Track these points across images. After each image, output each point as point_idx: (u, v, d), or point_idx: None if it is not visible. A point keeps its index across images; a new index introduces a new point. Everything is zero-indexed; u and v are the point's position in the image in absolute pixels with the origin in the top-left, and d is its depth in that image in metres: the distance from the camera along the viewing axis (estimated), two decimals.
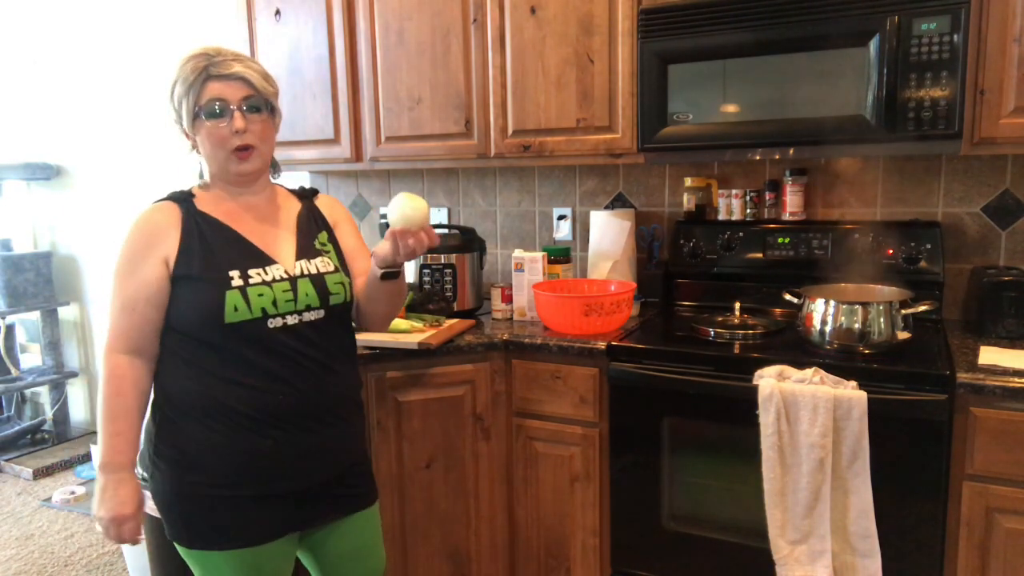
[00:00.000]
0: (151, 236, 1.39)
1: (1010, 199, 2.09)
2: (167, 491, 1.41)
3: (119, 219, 3.80)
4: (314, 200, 1.61)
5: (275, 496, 1.43)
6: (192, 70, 1.38)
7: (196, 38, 3.36)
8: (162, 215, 1.41)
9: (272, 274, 1.41)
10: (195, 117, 1.39)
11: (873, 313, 1.77)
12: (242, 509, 1.41)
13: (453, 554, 2.17)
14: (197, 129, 1.41)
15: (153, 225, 1.39)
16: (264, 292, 1.38)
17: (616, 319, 2.11)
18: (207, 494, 1.39)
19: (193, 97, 1.38)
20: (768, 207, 2.35)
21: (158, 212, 1.41)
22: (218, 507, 1.40)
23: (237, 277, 1.37)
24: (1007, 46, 1.74)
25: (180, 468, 1.39)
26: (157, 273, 1.37)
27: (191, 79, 1.38)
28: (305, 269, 1.45)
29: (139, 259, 1.37)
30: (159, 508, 1.44)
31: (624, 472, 1.99)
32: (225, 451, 1.38)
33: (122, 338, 1.38)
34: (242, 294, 1.36)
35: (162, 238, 1.38)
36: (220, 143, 1.40)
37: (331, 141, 2.62)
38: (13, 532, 3.08)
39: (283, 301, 1.40)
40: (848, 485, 1.66)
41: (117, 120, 3.70)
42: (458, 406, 2.11)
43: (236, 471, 1.39)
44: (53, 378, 3.99)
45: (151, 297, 1.37)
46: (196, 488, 1.39)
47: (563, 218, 2.70)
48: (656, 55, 2.05)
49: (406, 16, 2.43)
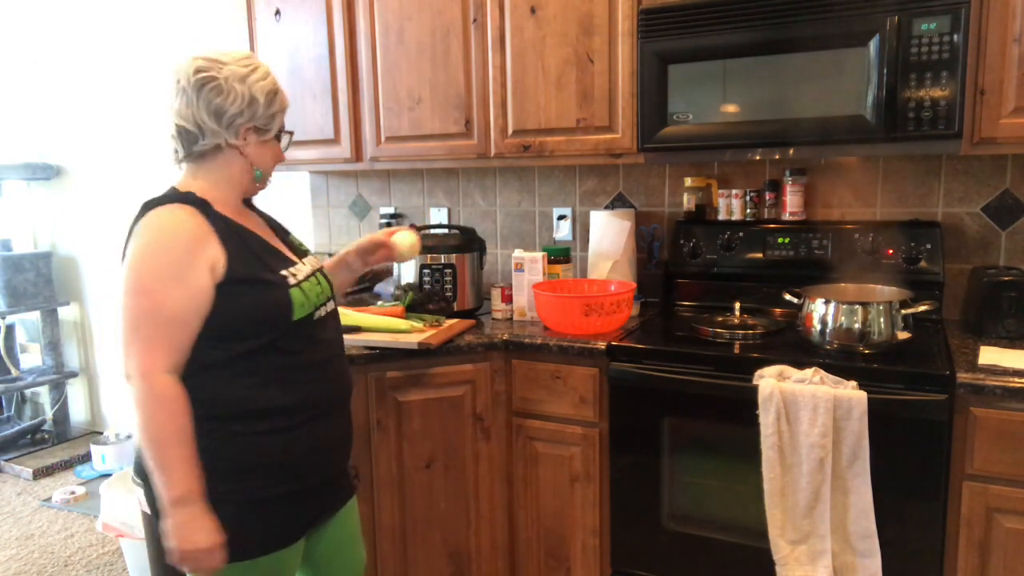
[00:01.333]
0: (191, 242, 1.28)
1: (1010, 199, 2.09)
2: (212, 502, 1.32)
3: (119, 219, 3.80)
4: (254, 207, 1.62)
5: (311, 488, 1.44)
6: (277, 93, 1.41)
7: (196, 38, 3.36)
8: (193, 220, 1.31)
9: (301, 271, 1.45)
10: (263, 131, 1.41)
11: (873, 313, 1.77)
12: (291, 504, 1.40)
13: (453, 554, 2.17)
14: (261, 145, 1.43)
15: (189, 231, 1.29)
16: (311, 286, 1.43)
17: (616, 319, 2.11)
18: (261, 497, 1.35)
19: (279, 117, 1.43)
20: (768, 207, 2.35)
21: (187, 217, 1.31)
22: (273, 508, 1.37)
23: (288, 275, 1.40)
24: (1007, 46, 1.74)
25: (226, 477, 1.33)
26: (206, 281, 1.28)
27: (280, 104, 1.42)
28: (312, 265, 1.52)
29: (184, 267, 1.26)
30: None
31: (624, 472, 1.99)
32: (276, 449, 1.36)
33: (169, 355, 1.25)
34: (301, 290, 1.40)
35: (202, 244, 1.29)
36: (276, 163, 1.48)
37: (331, 141, 2.62)
38: (13, 532, 3.08)
39: (317, 294, 1.45)
40: (848, 485, 1.66)
41: (117, 120, 3.71)
42: (458, 406, 2.11)
43: (289, 466, 1.38)
44: (53, 378, 3.99)
45: (201, 307, 1.27)
46: (253, 493, 1.34)
47: (563, 218, 2.70)
48: (656, 55, 2.05)
49: (406, 16, 2.43)
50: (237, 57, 1.38)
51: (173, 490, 1.25)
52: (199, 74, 1.34)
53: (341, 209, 3.13)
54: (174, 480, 1.25)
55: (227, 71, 1.35)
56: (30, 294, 3.88)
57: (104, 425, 4.12)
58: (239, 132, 1.38)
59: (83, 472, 3.64)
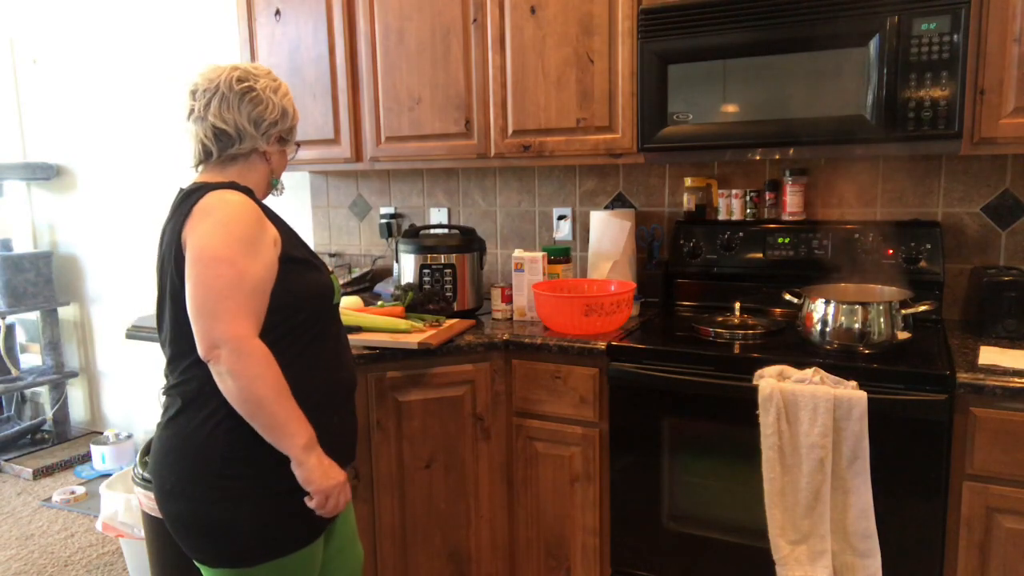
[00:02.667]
0: (260, 219, 1.36)
1: (1010, 199, 2.09)
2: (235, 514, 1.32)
3: (119, 219, 3.80)
4: None
5: None
6: (292, 102, 1.54)
7: (196, 38, 3.36)
8: (252, 203, 1.38)
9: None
10: (286, 142, 1.54)
11: (873, 313, 1.77)
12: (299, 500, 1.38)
13: (453, 554, 2.17)
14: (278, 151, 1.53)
15: (253, 208, 1.37)
16: (334, 277, 1.54)
17: (616, 319, 2.11)
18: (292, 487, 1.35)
19: (295, 129, 1.57)
20: (768, 207, 2.35)
21: (247, 200, 1.38)
22: (283, 504, 1.36)
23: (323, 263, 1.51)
24: (1007, 46, 1.74)
25: (252, 478, 1.33)
26: (273, 256, 1.36)
27: (297, 116, 1.56)
28: None
29: (257, 240, 1.33)
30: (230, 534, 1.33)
31: (624, 472, 1.99)
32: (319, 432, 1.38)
33: (255, 321, 1.30)
34: (334, 279, 1.51)
35: (265, 222, 1.37)
36: (283, 168, 1.57)
37: (331, 141, 2.62)
38: (13, 532, 3.08)
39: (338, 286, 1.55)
40: (848, 485, 1.66)
41: (118, 120, 3.70)
42: (458, 406, 2.11)
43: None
44: (53, 378, 3.99)
45: (272, 278, 1.35)
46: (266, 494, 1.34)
47: (563, 218, 2.70)
48: (656, 55, 2.05)
49: (406, 16, 2.43)
50: (264, 72, 1.49)
51: (299, 438, 1.31)
52: (241, 83, 1.43)
53: (341, 209, 3.13)
54: (298, 429, 1.31)
55: (262, 83, 1.46)
56: (30, 294, 3.88)
57: (104, 425, 4.12)
58: (270, 140, 1.49)
59: (83, 472, 3.64)
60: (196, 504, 1.33)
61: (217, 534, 1.33)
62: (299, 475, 1.34)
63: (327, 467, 1.36)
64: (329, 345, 1.47)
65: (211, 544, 1.34)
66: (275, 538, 1.35)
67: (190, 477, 1.33)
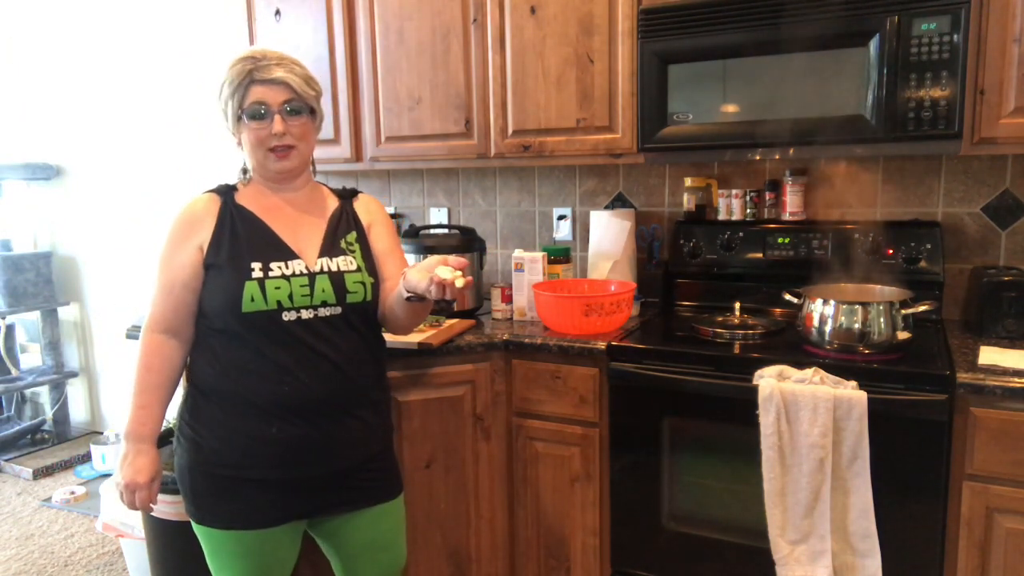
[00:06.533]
0: (190, 225, 1.49)
1: (1010, 199, 2.09)
2: (183, 467, 1.51)
3: (119, 219, 3.80)
4: (353, 200, 1.68)
5: (277, 483, 1.48)
6: (238, 73, 1.46)
7: (196, 38, 3.36)
8: (202, 205, 1.51)
9: (292, 268, 1.47)
10: (238, 119, 1.49)
11: (873, 313, 1.77)
12: (245, 493, 1.47)
13: (453, 554, 2.17)
14: (240, 129, 1.51)
15: (192, 214, 1.50)
16: (281, 285, 1.45)
17: (616, 319, 2.11)
18: (215, 473, 1.47)
19: (238, 100, 1.47)
20: (768, 207, 2.35)
21: (199, 202, 1.52)
22: (224, 488, 1.48)
23: (258, 269, 1.45)
24: (1007, 46, 1.74)
25: (195, 447, 1.48)
26: (192, 259, 1.46)
27: (236, 82, 1.46)
28: (325, 266, 1.51)
29: (178, 245, 1.47)
30: (178, 482, 1.53)
31: (624, 472, 1.99)
32: (233, 435, 1.46)
33: (159, 318, 1.47)
34: (260, 286, 1.43)
35: (199, 227, 1.48)
36: (259, 143, 1.50)
37: (331, 141, 2.62)
38: (13, 532, 3.08)
39: (299, 296, 1.46)
40: (848, 485, 1.66)
41: (117, 120, 3.70)
42: (458, 406, 2.11)
43: (241, 455, 1.46)
44: (53, 378, 3.99)
45: (187, 281, 1.46)
46: (206, 467, 1.48)
47: (563, 218, 2.70)
48: (656, 55, 2.05)
49: (406, 16, 2.43)
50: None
51: (126, 427, 1.48)
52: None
53: None
54: (129, 419, 1.48)
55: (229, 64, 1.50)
56: (30, 294, 3.88)
57: (104, 425, 4.12)
58: (231, 119, 1.52)
59: (83, 472, 3.64)
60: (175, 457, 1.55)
61: (179, 482, 1.53)
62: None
63: (132, 462, 1.49)
64: (244, 353, 1.45)
65: (180, 489, 1.54)
66: (203, 507, 1.50)
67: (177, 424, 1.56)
